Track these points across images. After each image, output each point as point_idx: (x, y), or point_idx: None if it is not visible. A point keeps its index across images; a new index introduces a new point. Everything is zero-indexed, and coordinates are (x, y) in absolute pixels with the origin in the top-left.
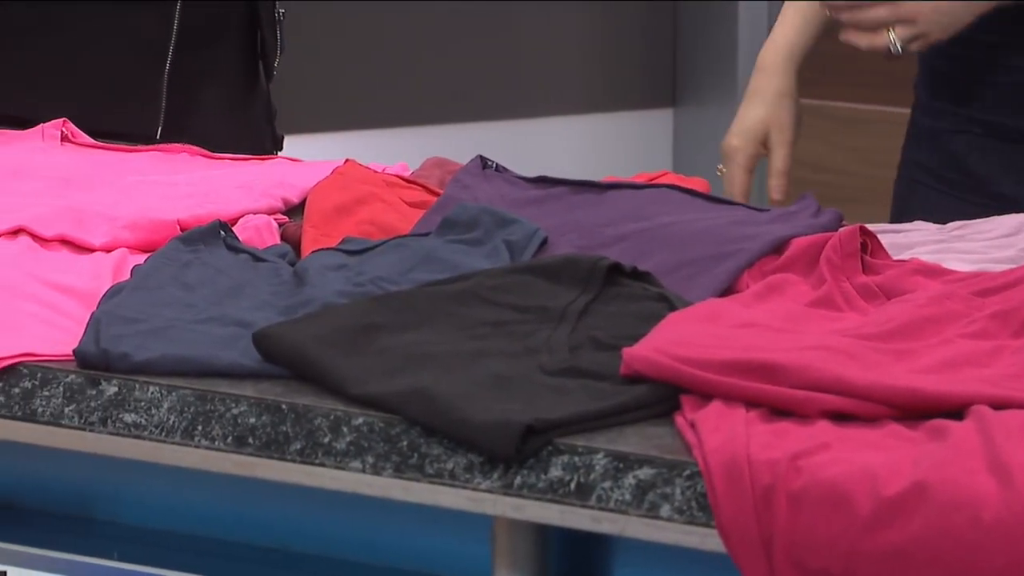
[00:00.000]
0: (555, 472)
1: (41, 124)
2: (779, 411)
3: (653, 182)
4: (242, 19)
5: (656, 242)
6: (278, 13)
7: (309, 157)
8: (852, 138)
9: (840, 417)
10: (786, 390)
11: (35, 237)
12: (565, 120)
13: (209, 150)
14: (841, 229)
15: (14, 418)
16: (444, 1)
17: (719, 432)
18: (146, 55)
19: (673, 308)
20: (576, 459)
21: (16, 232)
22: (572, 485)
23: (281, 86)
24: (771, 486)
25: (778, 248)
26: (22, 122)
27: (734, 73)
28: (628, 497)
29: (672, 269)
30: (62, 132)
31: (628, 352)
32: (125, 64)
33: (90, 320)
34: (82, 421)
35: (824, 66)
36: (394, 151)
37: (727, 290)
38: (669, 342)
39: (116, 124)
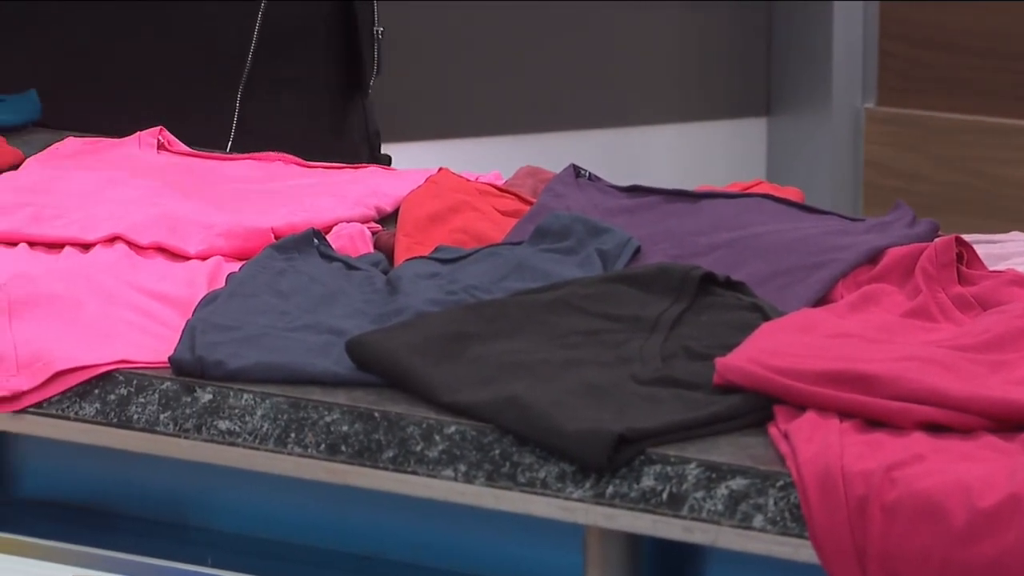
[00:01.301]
0: (647, 482)
1: (138, 132)
2: (873, 422)
3: (747, 191)
4: (332, 31)
5: (750, 252)
6: (377, 32)
7: (403, 165)
8: (947, 148)
9: (935, 428)
10: (880, 401)
11: (131, 245)
12: (658, 129)
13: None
14: (936, 239)
15: (110, 425)
16: (538, 10)
17: (813, 443)
18: (223, 59)
19: (767, 318)
20: (668, 469)
21: (113, 240)
22: (664, 495)
23: (375, 94)
24: (865, 497)
25: (873, 258)
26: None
27: (828, 81)
28: (721, 507)
29: (766, 279)
30: (158, 140)
31: (721, 362)
32: (201, 69)
33: (185, 328)
34: (177, 428)
35: (918, 76)
36: (487, 160)
37: (821, 300)
38: (763, 352)
39: (186, 128)
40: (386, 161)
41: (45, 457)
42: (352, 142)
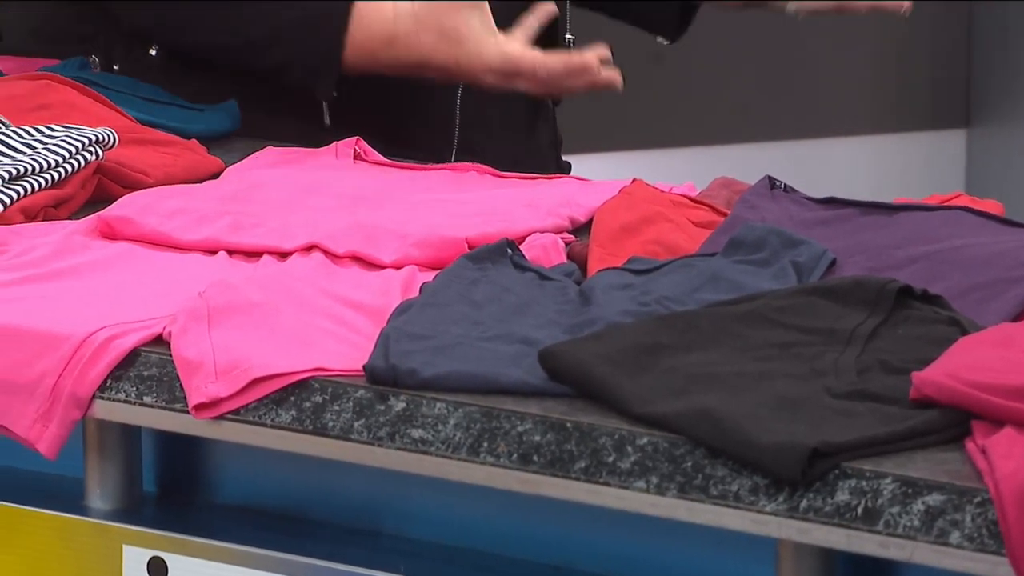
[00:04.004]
0: (842, 496)
1: (335, 142)
2: None
3: (946, 204)
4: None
5: (947, 265)
6: (568, 40)
7: (596, 176)
8: None
9: None
10: None
11: (327, 254)
12: (855, 141)
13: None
14: None
15: (305, 432)
16: (729, 21)
17: (1011, 459)
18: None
19: (965, 332)
20: (863, 483)
21: (309, 248)
22: (859, 510)
23: (567, 105)
24: None
25: None
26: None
27: None
28: (917, 523)
29: (963, 292)
30: (355, 150)
31: (918, 376)
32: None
33: (379, 336)
34: (371, 436)
35: None
36: (681, 171)
37: (1021, 315)
38: (960, 366)
39: (410, 144)
40: (567, 169)
41: (242, 463)
42: (543, 150)
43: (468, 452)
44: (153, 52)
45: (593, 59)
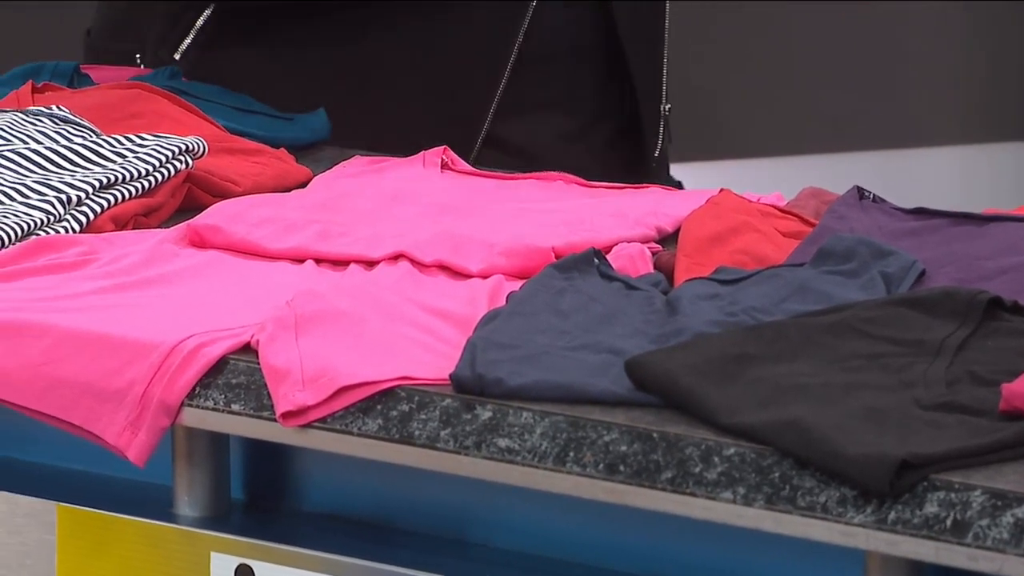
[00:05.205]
0: (930, 508)
1: (423, 151)
2: None
3: None
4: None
5: None
6: (664, 109)
7: (685, 186)
8: None
9: None
10: None
11: (414, 263)
12: (944, 151)
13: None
14: None
15: (392, 440)
16: (819, 31)
17: None
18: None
19: None
20: (952, 496)
21: (396, 257)
22: (948, 522)
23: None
24: None
25: None
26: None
27: None
28: (1006, 536)
29: None
30: (442, 159)
31: (1008, 388)
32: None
33: (466, 345)
34: (457, 445)
35: None
36: (769, 180)
37: None
38: None
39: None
40: (676, 185)
41: (328, 471)
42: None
43: (554, 462)
44: (176, 56)
45: None
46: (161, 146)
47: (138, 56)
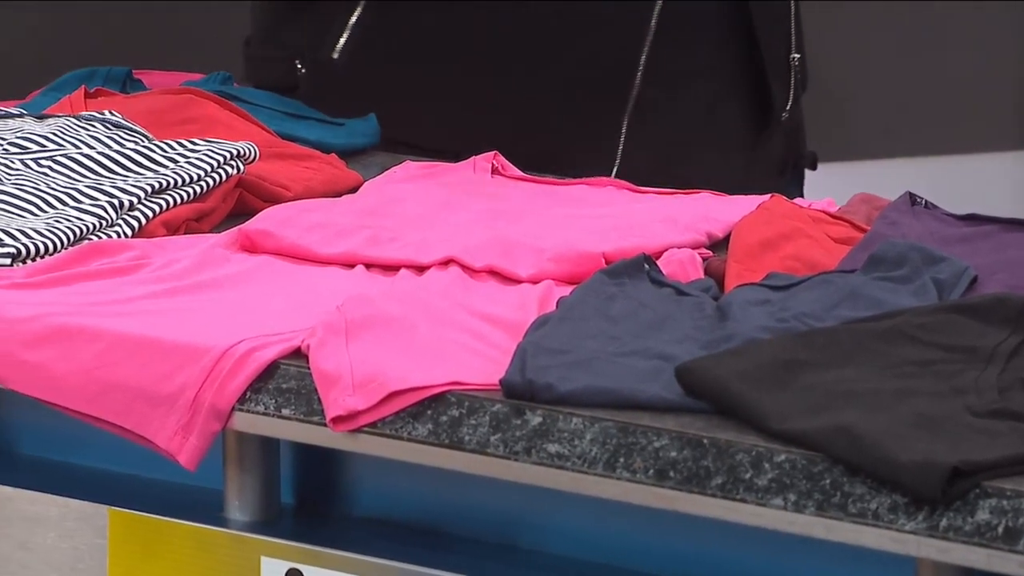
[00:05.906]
0: (982, 515)
1: (473, 156)
2: None
3: None
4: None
5: None
6: (792, 59)
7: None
8: None
9: None
10: None
11: (465, 268)
12: (996, 157)
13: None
14: None
15: (442, 445)
16: (870, 34)
17: None
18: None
19: None
20: (1004, 503)
21: (446, 263)
22: (1000, 529)
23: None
24: None
25: None
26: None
27: None
28: None
29: None
30: (492, 164)
31: None
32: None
33: (516, 351)
34: (507, 450)
35: None
36: (821, 186)
37: None
38: None
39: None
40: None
41: (378, 476)
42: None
43: (604, 467)
44: (335, 55)
45: None
46: (213, 151)
47: (297, 62)
